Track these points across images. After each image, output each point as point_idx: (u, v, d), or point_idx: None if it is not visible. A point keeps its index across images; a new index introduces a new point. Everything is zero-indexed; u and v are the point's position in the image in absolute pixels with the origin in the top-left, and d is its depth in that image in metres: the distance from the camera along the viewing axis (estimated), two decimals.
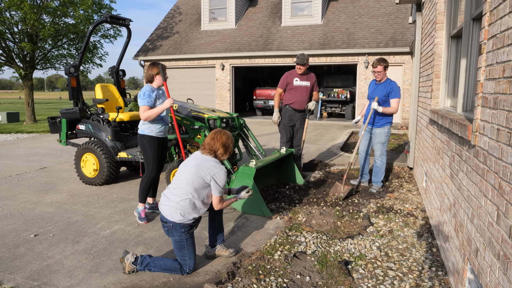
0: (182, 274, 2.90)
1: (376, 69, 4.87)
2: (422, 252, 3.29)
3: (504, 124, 1.69)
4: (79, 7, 14.49)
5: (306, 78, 5.63)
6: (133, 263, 2.89)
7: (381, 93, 4.88)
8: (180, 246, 2.85)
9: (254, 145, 5.67)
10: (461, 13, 3.58)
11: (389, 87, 4.86)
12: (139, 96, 3.86)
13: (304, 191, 5.07)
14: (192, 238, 2.90)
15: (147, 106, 3.82)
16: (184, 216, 2.81)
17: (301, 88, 5.59)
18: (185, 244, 2.85)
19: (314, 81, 5.71)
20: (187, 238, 2.85)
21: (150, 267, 2.87)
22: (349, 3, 15.89)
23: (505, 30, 1.73)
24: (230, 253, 3.20)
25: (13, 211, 4.41)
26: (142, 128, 3.98)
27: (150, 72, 3.92)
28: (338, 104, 15.78)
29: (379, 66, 4.83)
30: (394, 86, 4.86)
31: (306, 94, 5.65)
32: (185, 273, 2.89)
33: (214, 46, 15.88)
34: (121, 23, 6.03)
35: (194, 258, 2.91)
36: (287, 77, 5.63)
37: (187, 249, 2.86)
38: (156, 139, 4.00)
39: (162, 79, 3.90)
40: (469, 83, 2.99)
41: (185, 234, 2.84)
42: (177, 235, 2.83)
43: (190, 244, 2.87)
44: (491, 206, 1.85)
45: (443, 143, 3.31)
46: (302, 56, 5.48)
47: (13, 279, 2.85)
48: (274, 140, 9.76)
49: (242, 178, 4.26)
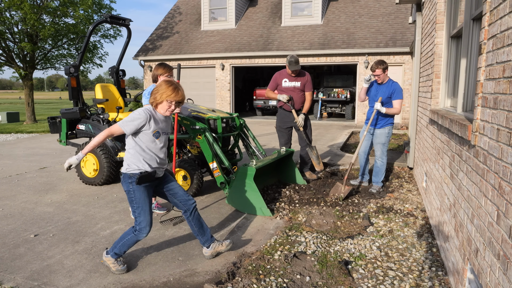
0: (135, 235, 2.88)
1: (375, 73, 4.85)
2: (422, 252, 3.29)
3: (504, 124, 1.69)
4: (79, 7, 14.49)
5: (296, 79, 5.46)
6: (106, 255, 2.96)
7: (384, 94, 4.87)
8: (129, 199, 2.87)
9: (254, 145, 5.67)
10: (461, 13, 3.58)
11: (391, 88, 4.85)
12: (143, 95, 3.83)
13: (304, 191, 5.07)
14: (142, 193, 2.83)
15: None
16: (129, 166, 2.83)
17: (290, 89, 5.47)
18: (133, 197, 2.84)
19: (305, 81, 5.47)
20: (134, 190, 2.82)
21: (115, 244, 2.95)
22: (349, 3, 15.89)
23: (505, 30, 1.73)
24: (227, 246, 3.19)
25: (13, 211, 4.41)
26: None
27: (155, 72, 3.89)
28: (338, 104, 15.79)
29: (378, 69, 4.82)
30: (396, 87, 4.85)
31: (297, 95, 5.48)
32: (136, 233, 2.87)
33: (214, 46, 15.88)
34: (121, 23, 6.04)
35: (145, 216, 2.86)
36: (276, 78, 5.54)
37: (136, 203, 2.84)
38: None
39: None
40: (469, 83, 2.99)
41: (132, 185, 2.82)
42: (125, 185, 2.86)
43: (138, 198, 2.83)
44: (491, 206, 1.85)
45: (443, 143, 3.31)
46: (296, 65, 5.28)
47: (13, 279, 2.85)
48: (274, 140, 9.76)
49: (242, 178, 4.26)
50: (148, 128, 2.80)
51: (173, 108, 2.85)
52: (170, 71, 3.89)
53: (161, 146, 2.93)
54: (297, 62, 5.32)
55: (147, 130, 2.80)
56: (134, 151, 2.83)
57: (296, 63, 5.31)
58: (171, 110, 2.85)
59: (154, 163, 2.88)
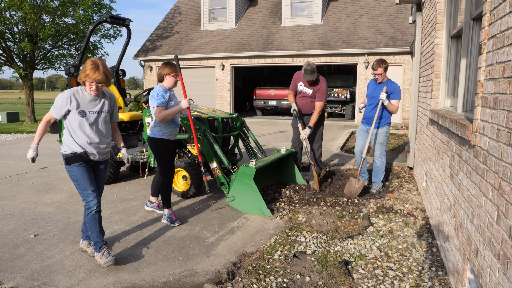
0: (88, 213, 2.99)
1: (377, 72, 4.83)
2: (422, 252, 3.29)
3: (504, 124, 1.69)
4: (79, 7, 14.49)
5: (309, 86, 5.19)
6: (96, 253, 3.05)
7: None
8: (71, 178, 3.00)
9: (254, 145, 5.67)
10: (461, 13, 3.58)
11: (391, 87, 4.85)
12: (151, 97, 3.72)
13: (304, 191, 5.07)
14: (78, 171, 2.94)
15: (162, 107, 3.68)
16: (63, 147, 2.98)
17: (303, 94, 5.31)
18: (72, 176, 2.97)
19: (317, 90, 5.15)
20: (70, 169, 2.95)
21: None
22: (349, 3, 15.89)
23: (505, 30, 1.73)
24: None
25: (13, 211, 4.41)
26: (153, 131, 3.81)
27: (161, 72, 3.78)
28: (338, 104, 15.79)
29: (380, 68, 4.79)
30: (396, 87, 4.85)
31: (306, 101, 5.28)
32: (88, 210, 2.99)
33: (214, 46, 15.88)
34: (121, 23, 6.04)
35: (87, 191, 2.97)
36: (295, 79, 5.35)
37: (75, 181, 2.97)
38: (168, 142, 3.87)
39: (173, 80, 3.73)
40: (469, 83, 2.99)
41: (67, 166, 2.94)
42: (65, 167, 2.99)
43: (75, 175, 2.95)
44: (491, 206, 1.85)
45: (443, 143, 3.31)
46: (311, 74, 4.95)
47: (13, 279, 2.85)
48: (274, 140, 9.76)
49: (242, 178, 4.26)
50: (73, 108, 2.88)
51: (95, 88, 2.87)
52: (176, 70, 3.80)
53: (91, 126, 2.95)
54: (313, 71, 4.94)
55: (73, 110, 2.88)
56: (67, 132, 2.95)
57: (312, 72, 4.94)
58: (94, 90, 2.88)
59: (85, 143, 2.95)
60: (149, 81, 16.98)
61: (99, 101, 3.00)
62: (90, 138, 2.96)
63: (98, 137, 3.00)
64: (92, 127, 2.96)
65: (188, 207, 4.56)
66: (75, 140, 2.93)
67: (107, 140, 3.10)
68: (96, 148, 3.01)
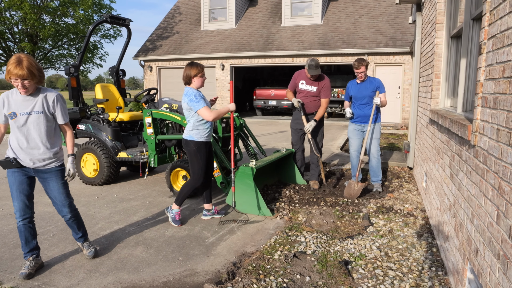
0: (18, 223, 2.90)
1: (359, 70, 4.85)
2: (422, 252, 3.29)
3: (504, 124, 1.69)
4: (79, 7, 14.51)
5: (313, 83, 5.18)
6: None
7: (368, 90, 4.93)
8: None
9: (254, 145, 5.67)
10: (461, 13, 3.58)
11: (375, 83, 4.94)
12: (190, 101, 3.62)
13: (304, 191, 5.07)
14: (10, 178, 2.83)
15: (207, 106, 3.64)
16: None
17: (305, 92, 5.27)
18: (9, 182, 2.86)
19: (322, 86, 5.17)
20: (7, 176, 2.85)
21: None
22: (349, 3, 15.89)
23: (505, 30, 1.73)
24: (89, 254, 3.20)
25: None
26: (191, 133, 3.76)
27: (188, 73, 3.66)
28: (338, 104, 15.79)
29: (362, 66, 4.83)
30: (380, 82, 4.97)
31: (310, 99, 5.25)
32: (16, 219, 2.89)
33: (214, 46, 15.89)
34: (121, 23, 6.04)
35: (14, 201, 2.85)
36: (295, 77, 5.34)
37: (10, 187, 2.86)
38: (204, 144, 3.82)
39: (202, 80, 3.69)
40: (469, 83, 2.99)
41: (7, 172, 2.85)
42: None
43: (9, 182, 2.84)
44: (491, 206, 1.85)
45: (443, 143, 3.31)
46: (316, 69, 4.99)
47: (13, 279, 2.85)
48: (274, 140, 9.77)
49: (242, 178, 4.26)
50: (6, 111, 2.74)
51: (20, 85, 2.63)
52: (203, 69, 3.72)
53: (21, 128, 2.74)
54: (317, 66, 5.02)
55: (6, 113, 2.75)
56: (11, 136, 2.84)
57: (317, 67, 5.01)
58: (21, 88, 2.65)
59: (17, 148, 2.77)
60: (149, 81, 16.98)
61: (32, 101, 2.75)
62: (20, 142, 2.75)
63: (31, 141, 2.77)
64: (21, 129, 2.74)
65: (188, 207, 4.56)
66: (12, 144, 2.77)
67: (44, 144, 2.82)
68: (29, 154, 2.79)
